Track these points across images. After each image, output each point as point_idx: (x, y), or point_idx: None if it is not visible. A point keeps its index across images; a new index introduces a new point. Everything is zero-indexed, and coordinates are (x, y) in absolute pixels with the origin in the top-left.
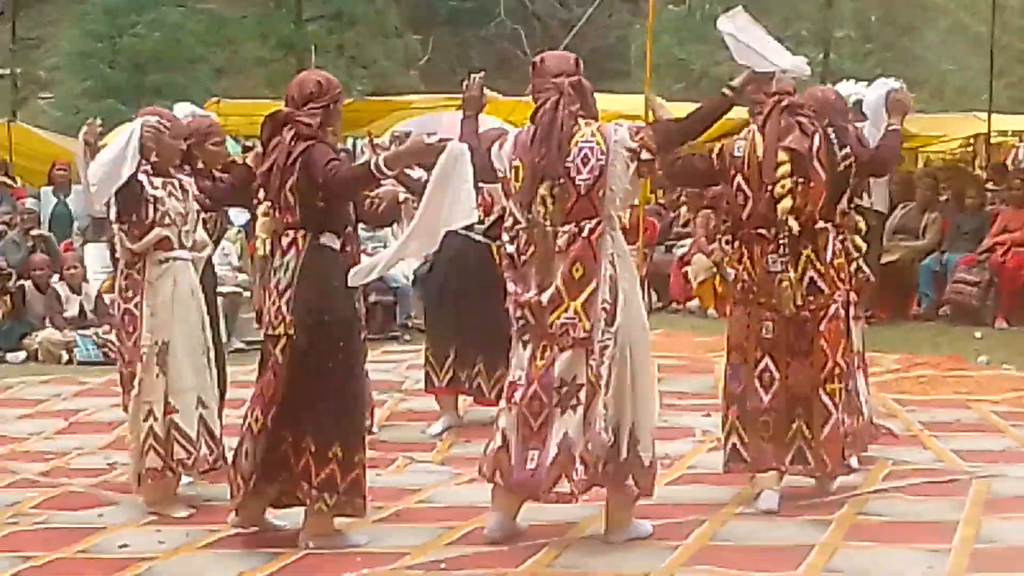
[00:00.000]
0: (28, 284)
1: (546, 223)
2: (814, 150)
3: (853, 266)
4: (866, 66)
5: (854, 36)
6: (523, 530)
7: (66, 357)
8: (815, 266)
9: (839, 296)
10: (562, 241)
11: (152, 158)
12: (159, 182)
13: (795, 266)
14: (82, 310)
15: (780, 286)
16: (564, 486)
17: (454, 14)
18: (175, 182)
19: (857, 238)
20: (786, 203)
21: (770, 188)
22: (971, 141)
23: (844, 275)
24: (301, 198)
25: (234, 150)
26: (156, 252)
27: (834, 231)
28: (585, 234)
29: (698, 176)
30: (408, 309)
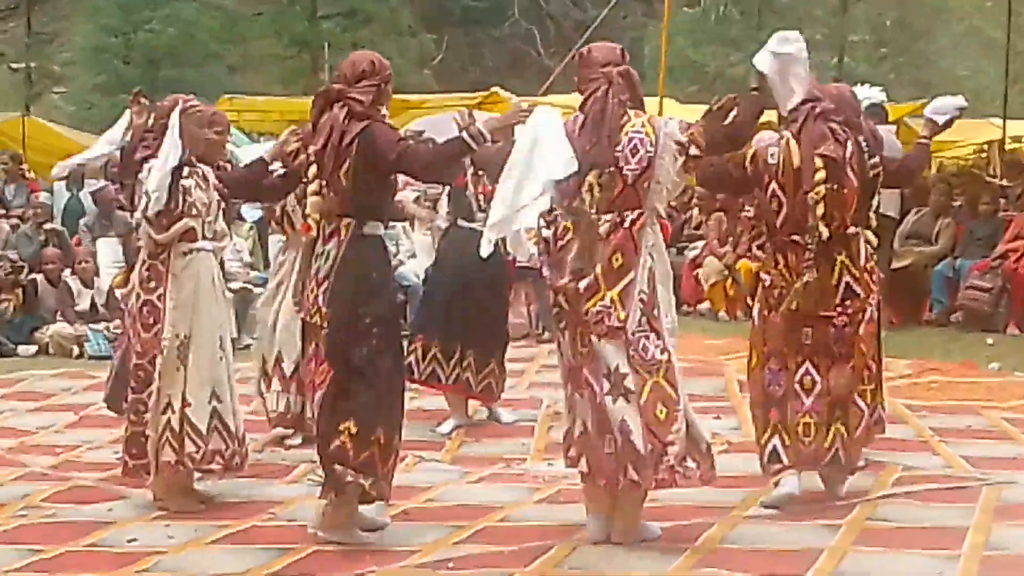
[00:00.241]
0: (40, 278)
1: (591, 211)
2: (847, 157)
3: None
4: (880, 70)
5: (868, 40)
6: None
7: (77, 351)
8: (850, 271)
9: (873, 300)
10: (604, 229)
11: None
12: (186, 171)
13: (830, 272)
14: (93, 304)
15: (795, 287)
16: (633, 475)
17: (468, 13)
18: (199, 171)
19: (869, 232)
20: (819, 210)
21: (806, 194)
22: (985, 147)
23: (875, 279)
24: (355, 181)
25: (243, 143)
26: (181, 243)
27: (863, 236)
28: (627, 224)
29: (731, 182)
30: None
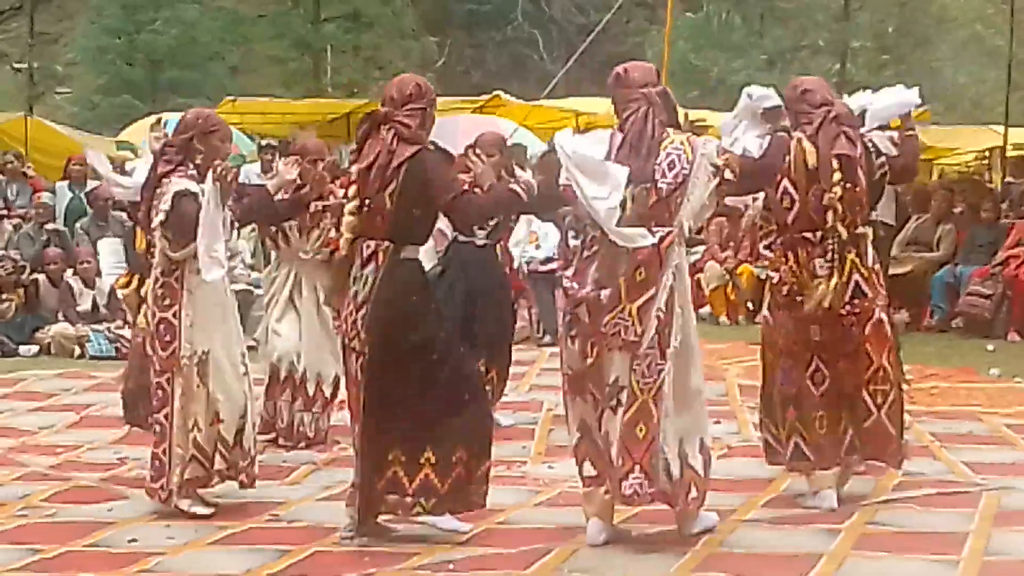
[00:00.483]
0: (42, 278)
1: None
2: (859, 158)
3: None
4: (882, 77)
5: (870, 47)
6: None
7: (78, 351)
8: (859, 270)
9: (881, 300)
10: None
11: (197, 160)
12: (201, 188)
13: (840, 271)
14: (95, 305)
15: (817, 288)
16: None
17: (471, 17)
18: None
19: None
20: (837, 209)
21: (821, 193)
22: (986, 154)
23: (882, 279)
24: (399, 204)
25: (248, 148)
26: (195, 261)
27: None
28: (655, 240)
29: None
30: None
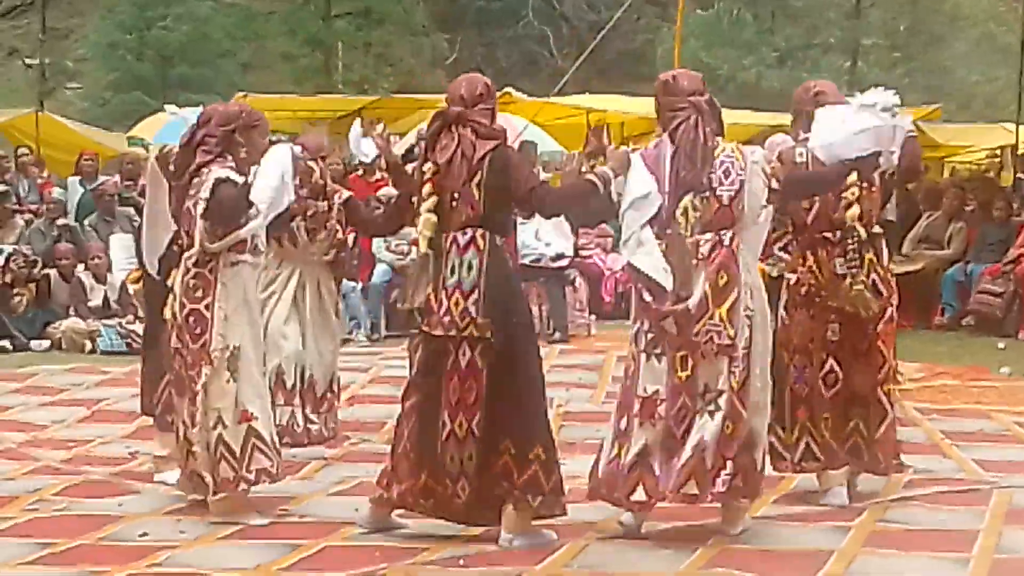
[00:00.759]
0: (53, 273)
1: (686, 233)
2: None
3: None
4: (894, 75)
5: (882, 45)
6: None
7: (89, 346)
8: (876, 270)
9: (893, 299)
10: (705, 249)
11: (240, 154)
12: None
13: (860, 270)
14: (106, 300)
15: (854, 290)
16: (692, 488)
17: (482, 14)
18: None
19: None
20: (854, 210)
21: (839, 193)
22: (998, 152)
23: (893, 278)
24: (487, 195)
25: None
26: (230, 253)
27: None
28: (727, 243)
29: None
30: None
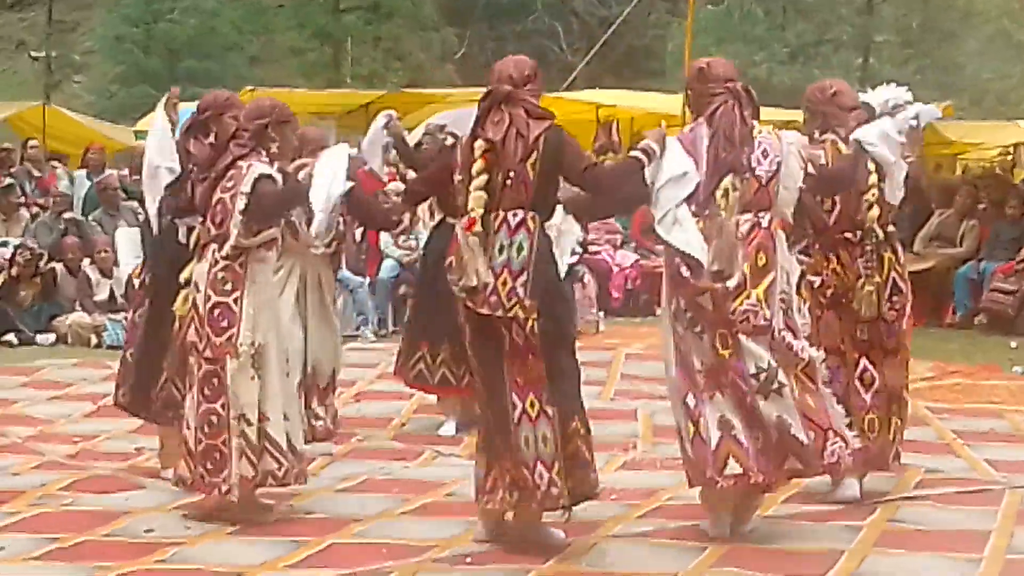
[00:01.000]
0: (59, 267)
1: (724, 214)
2: None
3: None
4: (906, 72)
5: (894, 41)
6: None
7: (95, 340)
8: (896, 268)
9: (909, 296)
10: (744, 229)
11: (272, 148)
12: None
13: (880, 270)
14: (112, 294)
15: (864, 291)
16: (794, 463)
17: (491, 9)
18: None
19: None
20: (874, 212)
21: (859, 194)
22: (1011, 150)
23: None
24: (541, 176)
25: None
26: (259, 249)
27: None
28: (765, 224)
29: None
30: None
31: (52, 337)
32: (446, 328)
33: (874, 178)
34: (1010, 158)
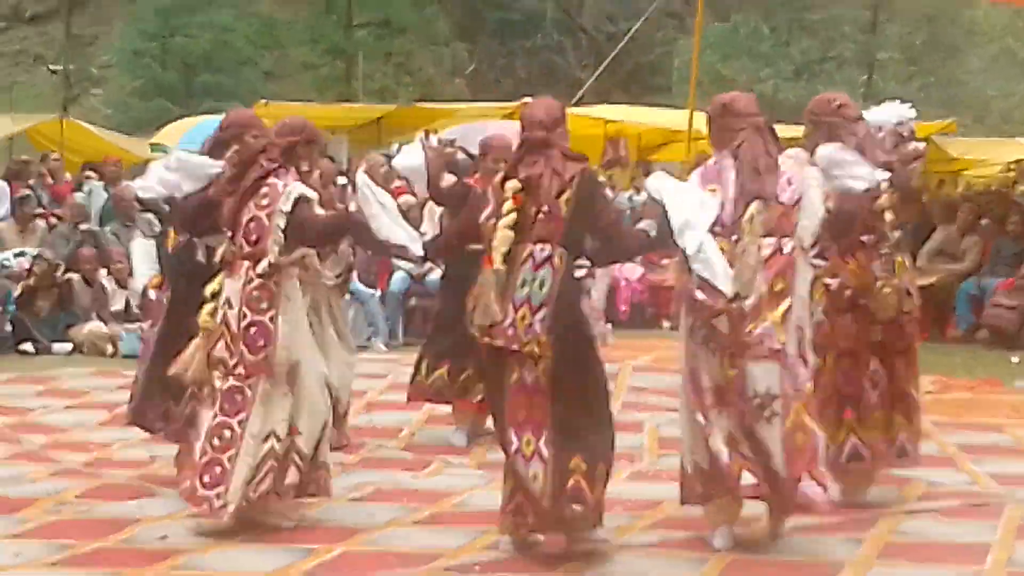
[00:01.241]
0: (76, 277)
1: (748, 238)
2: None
3: None
4: (910, 89)
5: (898, 59)
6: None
7: (111, 350)
8: (906, 272)
9: (918, 300)
10: (765, 253)
11: (303, 167)
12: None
13: (893, 273)
14: (128, 305)
15: (883, 293)
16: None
17: (502, 25)
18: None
19: None
20: (889, 215)
21: (872, 200)
22: (1013, 166)
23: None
24: (573, 214)
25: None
26: (292, 267)
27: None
28: (786, 251)
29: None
30: None
31: (68, 346)
32: (470, 347)
33: (886, 184)
34: (1012, 175)
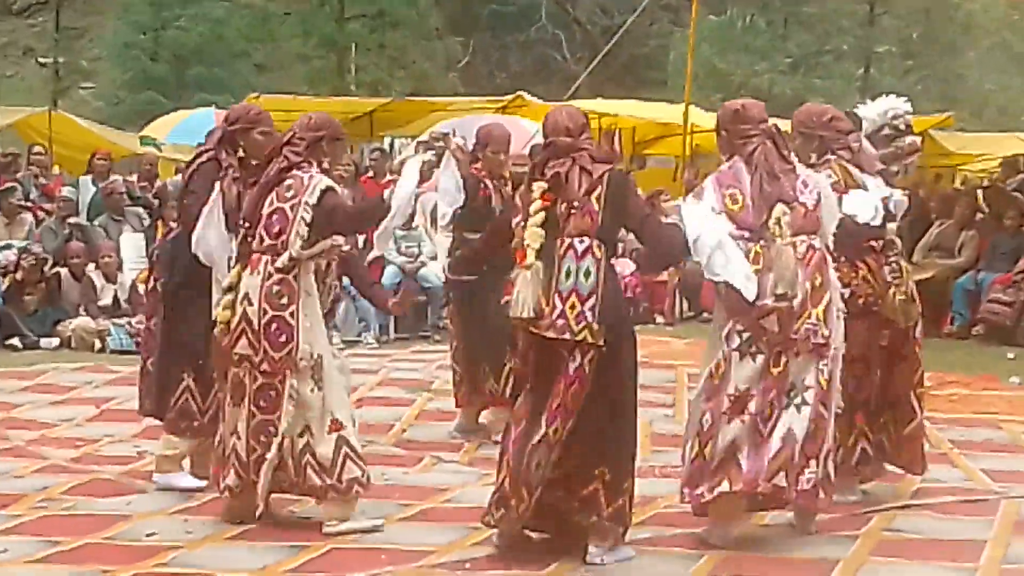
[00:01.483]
0: (64, 271)
1: (780, 240)
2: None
3: None
4: (907, 83)
5: (895, 52)
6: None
7: (99, 345)
8: (909, 275)
9: (918, 304)
10: (801, 250)
11: (323, 162)
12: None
13: (902, 277)
14: (116, 299)
15: (897, 300)
16: (781, 480)
17: (495, 18)
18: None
19: None
20: (892, 223)
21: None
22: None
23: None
24: (606, 211)
25: None
26: (311, 262)
27: None
28: (818, 246)
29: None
30: (439, 310)
31: (56, 341)
32: (505, 343)
33: (889, 190)
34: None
